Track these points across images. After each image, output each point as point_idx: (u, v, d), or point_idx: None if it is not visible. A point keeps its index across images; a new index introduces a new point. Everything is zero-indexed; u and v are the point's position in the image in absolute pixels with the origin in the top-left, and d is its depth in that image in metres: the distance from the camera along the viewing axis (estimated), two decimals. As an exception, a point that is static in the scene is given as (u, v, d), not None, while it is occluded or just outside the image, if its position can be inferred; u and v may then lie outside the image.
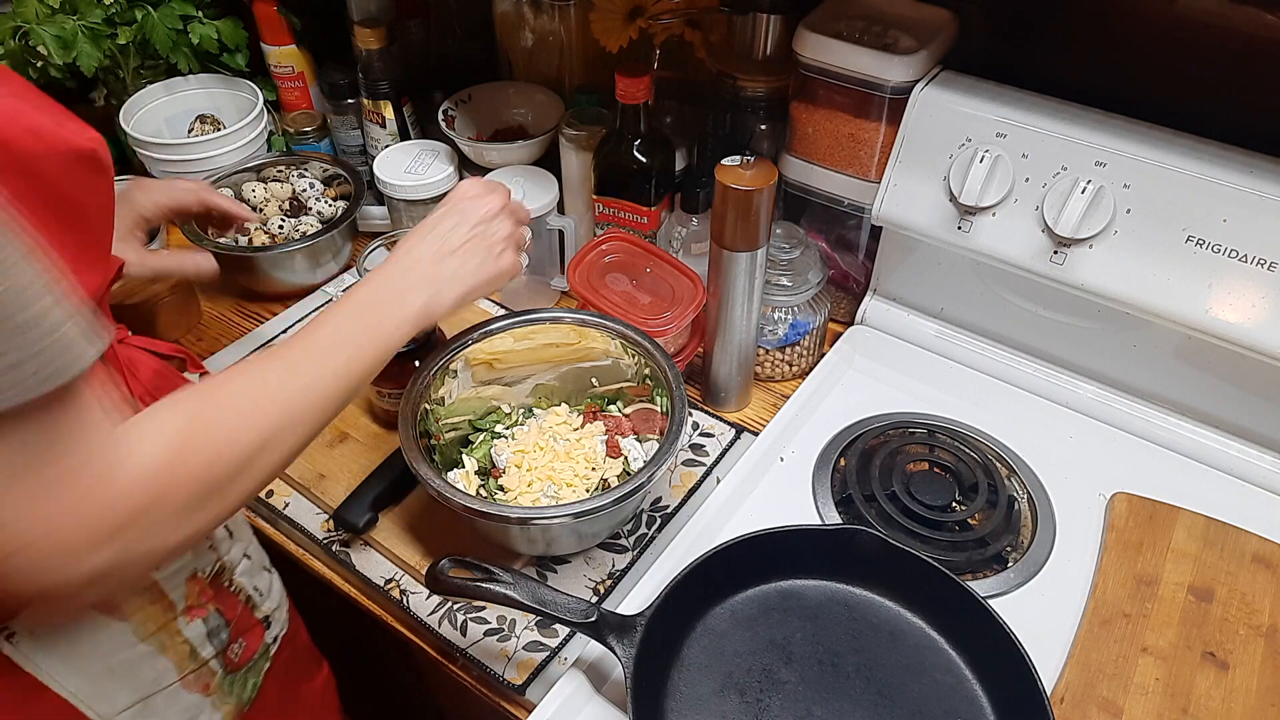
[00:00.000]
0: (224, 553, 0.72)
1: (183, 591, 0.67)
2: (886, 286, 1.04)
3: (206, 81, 1.29)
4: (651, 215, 1.02)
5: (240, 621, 0.73)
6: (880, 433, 0.93)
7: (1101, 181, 0.82)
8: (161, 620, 0.66)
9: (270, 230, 1.13)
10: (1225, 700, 0.72)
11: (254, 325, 1.12)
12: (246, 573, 0.74)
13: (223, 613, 0.71)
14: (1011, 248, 0.88)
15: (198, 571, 0.69)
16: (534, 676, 0.77)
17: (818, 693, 0.72)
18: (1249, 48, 0.81)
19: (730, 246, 0.86)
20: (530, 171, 1.09)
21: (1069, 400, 0.95)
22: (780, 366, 1.03)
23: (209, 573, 0.70)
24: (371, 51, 1.13)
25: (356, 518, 0.85)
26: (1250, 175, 0.78)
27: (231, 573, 0.72)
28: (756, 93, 1.01)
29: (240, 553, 0.74)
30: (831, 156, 0.97)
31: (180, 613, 0.67)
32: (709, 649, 0.75)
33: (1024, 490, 0.89)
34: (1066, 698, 0.72)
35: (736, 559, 0.76)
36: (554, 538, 0.82)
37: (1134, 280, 0.83)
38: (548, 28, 1.12)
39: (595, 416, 0.91)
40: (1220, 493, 0.87)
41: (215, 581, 0.71)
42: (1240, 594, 0.78)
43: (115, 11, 1.19)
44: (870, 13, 0.94)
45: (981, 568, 0.83)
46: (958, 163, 0.88)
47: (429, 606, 0.82)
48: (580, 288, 0.95)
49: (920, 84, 0.89)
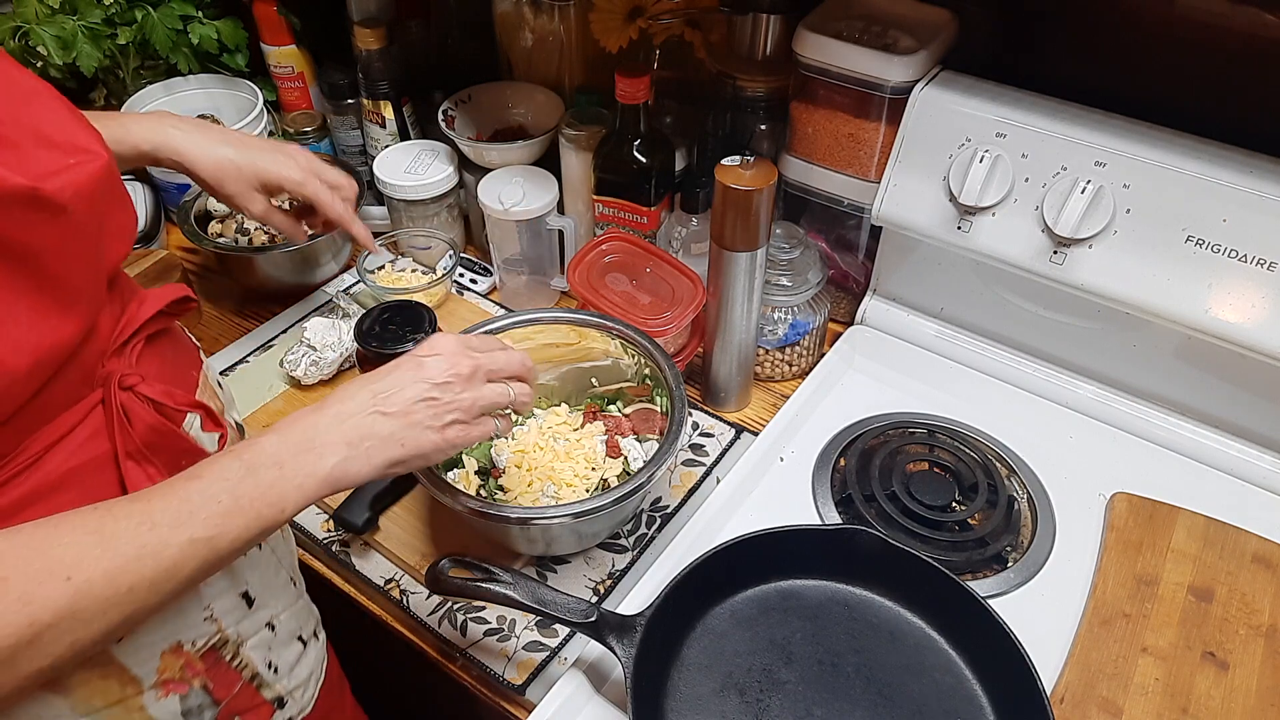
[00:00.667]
0: (229, 625, 0.64)
1: (155, 665, 0.60)
2: (886, 286, 1.04)
3: (206, 81, 1.29)
4: (651, 215, 1.02)
5: (236, 701, 0.65)
6: (880, 433, 0.93)
7: (1101, 181, 0.82)
8: (115, 696, 0.58)
9: (270, 230, 1.13)
10: (1225, 700, 0.72)
11: (254, 325, 1.12)
12: (263, 646, 0.67)
13: (211, 690, 0.63)
14: (1011, 248, 0.88)
15: (184, 643, 0.61)
16: (534, 676, 0.77)
17: (818, 693, 0.72)
18: (1249, 48, 0.81)
19: (730, 246, 0.86)
20: (530, 171, 1.09)
21: (1069, 400, 0.95)
22: (780, 366, 1.03)
23: (201, 645, 0.63)
24: (371, 51, 1.13)
25: (356, 518, 0.85)
26: (1250, 175, 0.78)
27: (239, 645, 0.65)
28: (756, 93, 1.01)
29: (260, 623, 0.67)
30: (831, 156, 0.97)
31: (150, 687, 0.60)
32: (709, 649, 0.75)
33: (1024, 490, 0.89)
34: (1066, 698, 0.72)
35: (736, 559, 0.75)
36: (554, 538, 0.82)
37: (1134, 280, 0.83)
38: (548, 28, 1.12)
39: (595, 416, 0.91)
40: (1220, 493, 0.87)
41: (211, 655, 0.63)
42: (1240, 594, 0.78)
43: (115, 11, 1.19)
44: (870, 13, 0.94)
45: (981, 568, 0.83)
46: (957, 163, 0.88)
47: (429, 606, 0.82)
48: (580, 288, 0.95)
49: (920, 84, 0.89)
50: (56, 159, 0.51)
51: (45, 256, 0.49)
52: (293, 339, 1.07)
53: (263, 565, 0.69)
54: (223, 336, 1.11)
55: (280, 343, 1.08)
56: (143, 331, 0.60)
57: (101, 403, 0.56)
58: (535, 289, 1.12)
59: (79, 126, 0.55)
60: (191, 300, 0.65)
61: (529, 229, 1.06)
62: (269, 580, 0.69)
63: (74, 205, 0.50)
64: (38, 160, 0.50)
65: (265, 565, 0.69)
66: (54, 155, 0.52)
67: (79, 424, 0.55)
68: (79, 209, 0.51)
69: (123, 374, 0.58)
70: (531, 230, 1.06)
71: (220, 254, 1.10)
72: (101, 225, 0.55)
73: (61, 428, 0.54)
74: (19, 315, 0.49)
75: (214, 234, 1.13)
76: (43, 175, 0.49)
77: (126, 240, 0.60)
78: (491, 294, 1.16)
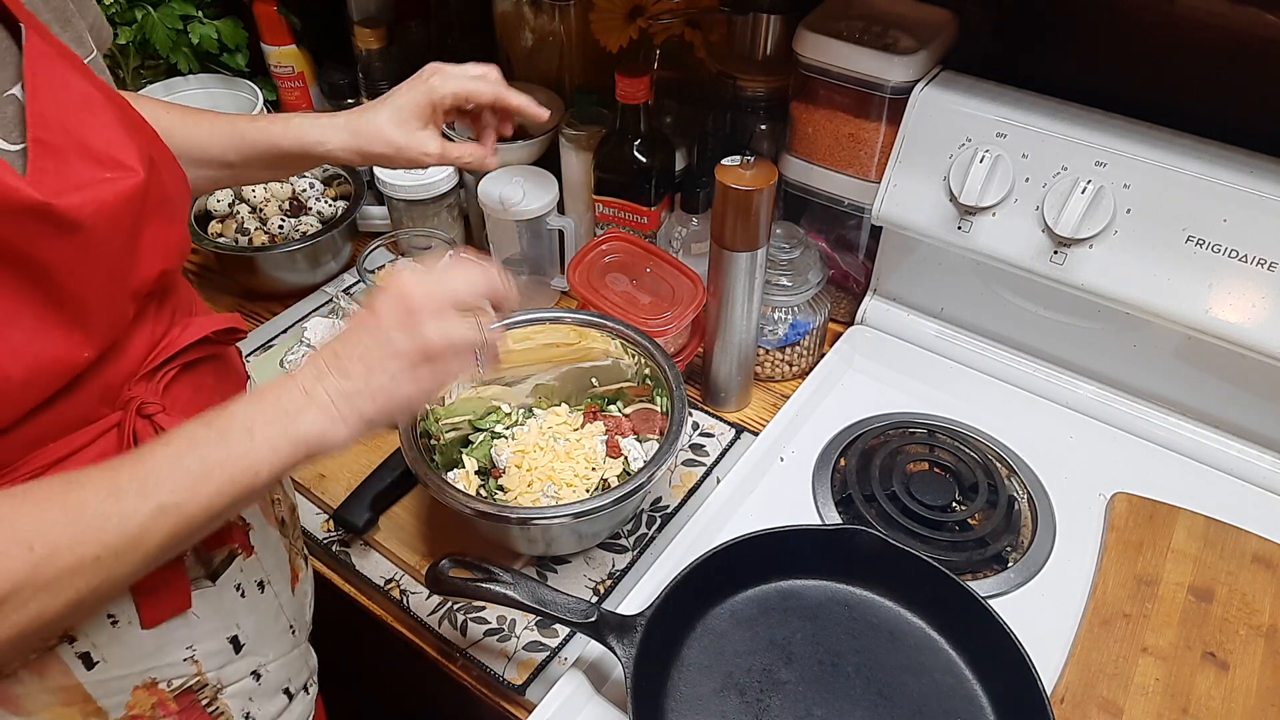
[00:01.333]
0: (210, 668, 0.63)
1: (125, 700, 0.59)
2: (886, 286, 1.04)
3: (206, 81, 1.29)
4: (651, 215, 1.02)
5: None
6: (880, 433, 0.93)
7: (1101, 181, 0.82)
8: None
9: (270, 230, 1.13)
10: (1225, 700, 0.72)
11: (254, 325, 1.12)
12: (244, 694, 0.65)
13: None
14: (1011, 248, 0.88)
15: (159, 681, 0.60)
16: (534, 676, 0.77)
17: (818, 693, 0.72)
18: (1249, 48, 0.81)
19: (730, 246, 0.86)
20: (530, 171, 1.09)
21: (1069, 400, 0.95)
22: (780, 366, 1.03)
23: (178, 685, 0.61)
24: (371, 51, 1.13)
25: (356, 518, 0.85)
26: (1250, 175, 0.78)
27: (218, 690, 0.63)
28: (756, 93, 1.01)
29: (245, 671, 0.65)
30: (831, 156, 0.97)
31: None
32: (709, 649, 0.75)
33: (1024, 490, 0.89)
34: (1066, 698, 0.72)
35: (736, 559, 0.75)
36: (554, 538, 0.82)
37: (1134, 280, 0.83)
38: (548, 27, 1.12)
39: (595, 416, 0.91)
40: (1220, 493, 0.87)
41: (187, 696, 0.62)
42: (1240, 594, 0.78)
43: (115, 11, 1.19)
44: (870, 13, 0.94)
45: (981, 568, 0.83)
46: (958, 163, 0.88)
47: (429, 606, 0.82)
48: (580, 288, 0.95)
49: (920, 84, 0.89)
50: (91, 172, 0.50)
51: (55, 270, 0.48)
52: (293, 339, 1.07)
53: (260, 610, 0.67)
54: (223, 336, 1.11)
55: (280, 343, 1.08)
56: (179, 358, 0.59)
57: (118, 426, 0.55)
58: (535, 289, 1.12)
59: (126, 139, 0.54)
60: (240, 331, 0.64)
61: (529, 229, 1.06)
62: (265, 626, 0.67)
63: (93, 223, 0.49)
64: (73, 172, 0.49)
65: (263, 611, 0.67)
66: (90, 168, 0.51)
67: (89, 444, 0.54)
68: (99, 227, 0.50)
69: (144, 400, 0.56)
70: (531, 230, 1.06)
71: (220, 254, 1.10)
72: (131, 244, 0.53)
73: (70, 445, 0.53)
74: (22, 323, 0.48)
75: (214, 234, 1.13)
76: (64, 190, 0.48)
77: (169, 257, 0.58)
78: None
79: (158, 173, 0.56)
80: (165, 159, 0.58)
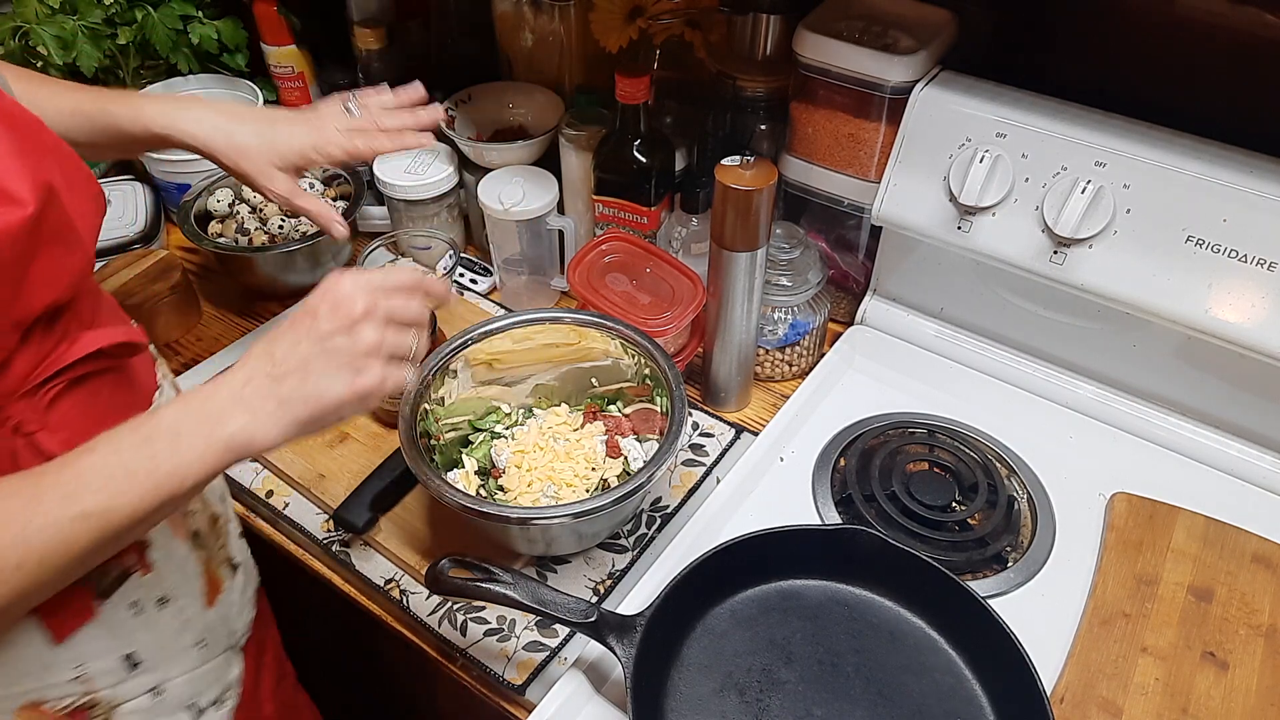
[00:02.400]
0: (103, 687, 0.60)
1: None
2: (886, 286, 1.04)
3: (206, 81, 1.29)
4: (651, 215, 1.02)
5: None
6: (880, 433, 0.93)
7: (1101, 181, 0.82)
8: None
9: (270, 230, 1.13)
10: (1225, 700, 0.72)
11: (254, 325, 1.12)
12: (141, 712, 0.63)
13: None
14: (1011, 248, 0.88)
15: (44, 702, 0.58)
16: (534, 676, 0.77)
17: (818, 693, 0.72)
18: (1249, 48, 0.81)
19: (730, 246, 0.86)
20: (530, 171, 1.09)
21: (1069, 400, 0.95)
22: (780, 366, 1.03)
23: (66, 706, 0.59)
24: (371, 51, 1.13)
25: (356, 518, 0.85)
26: (1250, 175, 0.78)
27: (111, 709, 0.61)
28: (756, 93, 1.01)
29: (143, 688, 0.63)
30: (831, 156, 0.97)
31: None
32: (709, 649, 0.75)
33: (1024, 490, 0.89)
34: (1066, 698, 0.72)
35: (736, 559, 0.76)
36: (554, 538, 0.82)
37: (1134, 280, 0.83)
38: (548, 28, 1.12)
39: (595, 416, 0.91)
40: (1220, 493, 0.87)
41: (79, 715, 0.60)
42: (1240, 594, 0.78)
43: (115, 11, 1.19)
44: (870, 13, 0.94)
45: (981, 568, 0.83)
46: (957, 163, 0.88)
47: (429, 606, 0.82)
48: (580, 288, 0.95)
49: (920, 84, 0.89)
50: None
51: None
52: (293, 339, 1.07)
53: (159, 627, 0.65)
54: (223, 337, 1.11)
55: (280, 343, 1.08)
56: (65, 375, 0.56)
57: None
58: (535, 289, 1.12)
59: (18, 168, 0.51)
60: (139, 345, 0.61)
61: (529, 229, 1.06)
62: (165, 643, 0.65)
63: None
64: None
65: (163, 628, 0.65)
66: None
67: None
68: None
69: (23, 419, 0.54)
70: (531, 230, 1.06)
71: (220, 254, 1.10)
72: (17, 277, 0.51)
73: None
74: None
75: (214, 234, 1.13)
76: None
77: (60, 288, 0.55)
78: (491, 294, 1.16)
79: (56, 201, 0.53)
80: (72, 180, 0.56)
